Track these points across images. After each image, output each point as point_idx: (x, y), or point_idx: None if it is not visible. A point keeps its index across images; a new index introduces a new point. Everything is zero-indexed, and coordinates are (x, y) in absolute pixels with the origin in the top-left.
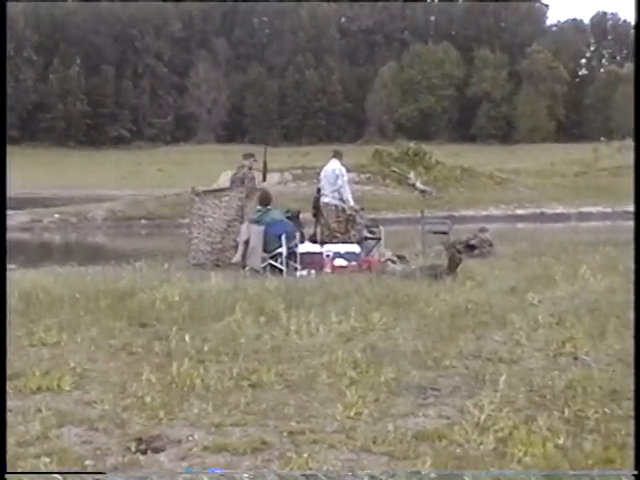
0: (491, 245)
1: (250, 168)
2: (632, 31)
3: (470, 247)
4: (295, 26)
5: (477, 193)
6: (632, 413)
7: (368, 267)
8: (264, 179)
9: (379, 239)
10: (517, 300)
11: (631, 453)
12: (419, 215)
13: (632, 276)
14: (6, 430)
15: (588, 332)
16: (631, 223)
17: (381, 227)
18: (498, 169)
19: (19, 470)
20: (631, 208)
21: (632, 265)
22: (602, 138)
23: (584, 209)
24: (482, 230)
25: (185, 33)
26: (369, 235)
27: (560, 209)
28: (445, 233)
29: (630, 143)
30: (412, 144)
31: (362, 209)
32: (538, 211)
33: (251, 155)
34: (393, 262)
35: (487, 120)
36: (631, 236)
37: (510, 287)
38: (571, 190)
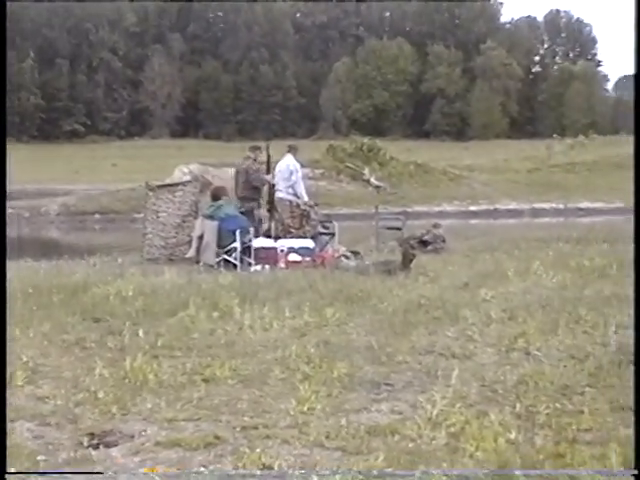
0: (444, 241)
1: (255, 160)
2: (584, 27)
3: (423, 243)
4: (250, 21)
5: (431, 189)
6: (584, 409)
7: (322, 262)
8: (268, 172)
9: (333, 234)
10: (470, 296)
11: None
12: (373, 211)
13: (583, 272)
14: (6, 430)
15: (540, 328)
16: (583, 220)
17: (335, 223)
18: (452, 165)
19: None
20: (583, 205)
21: (586, 262)
22: (555, 135)
23: (537, 205)
24: (435, 226)
25: (140, 27)
26: (323, 230)
27: (513, 205)
28: (399, 229)
29: (582, 140)
30: (366, 140)
31: (316, 204)
32: (491, 207)
33: (257, 148)
34: (347, 257)
35: (441, 116)
36: (583, 233)
37: (463, 283)
38: (524, 186)
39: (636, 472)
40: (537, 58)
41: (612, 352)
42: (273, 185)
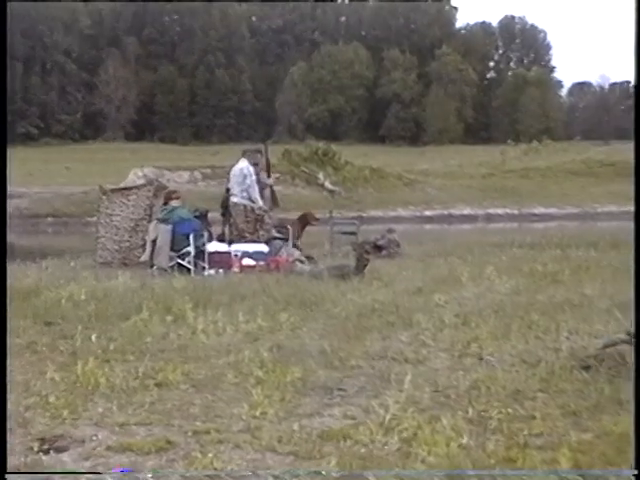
0: (399, 246)
1: (256, 164)
2: (538, 34)
3: (378, 248)
4: (206, 25)
5: (386, 194)
6: (536, 414)
7: (276, 267)
8: (268, 175)
9: (287, 239)
10: (423, 301)
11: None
12: (327, 215)
13: (540, 276)
14: (6, 430)
15: (492, 333)
16: (537, 225)
17: (290, 227)
18: (407, 170)
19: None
20: (537, 210)
21: (539, 267)
22: (509, 141)
23: (491, 211)
24: (390, 231)
25: (95, 30)
26: (277, 235)
27: (467, 210)
28: (353, 234)
29: (536, 146)
30: (321, 144)
31: (271, 209)
32: (446, 212)
33: (257, 151)
34: (301, 262)
35: (396, 121)
36: (536, 238)
37: (417, 288)
38: (479, 192)
39: (636, 472)
40: (492, 64)
41: (564, 357)
42: (228, 189)
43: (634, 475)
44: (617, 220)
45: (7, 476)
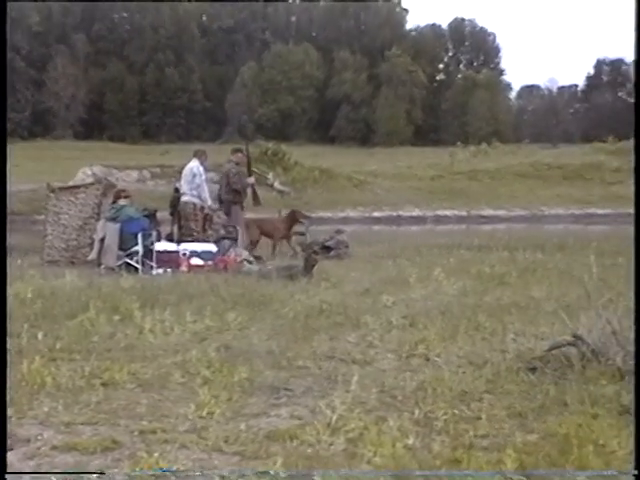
0: (347, 247)
1: (237, 163)
2: (487, 36)
3: (326, 248)
4: (156, 23)
5: (335, 194)
6: (482, 415)
7: (224, 267)
8: (250, 174)
9: (236, 239)
10: (371, 302)
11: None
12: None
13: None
14: (6, 430)
15: (440, 334)
16: (485, 227)
17: (238, 227)
18: (356, 171)
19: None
20: (485, 212)
21: (487, 269)
22: (458, 143)
23: (440, 212)
24: (339, 232)
25: (43, 27)
26: (226, 235)
27: (416, 212)
28: (302, 234)
29: (485, 148)
30: (271, 144)
31: (220, 209)
32: (395, 214)
33: (239, 150)
34: (249, 262)
35: (346, 122)
36: (484, 240)
37: (365, 289)
38: (427, 193)
39: (636, 472)
40: (441, 66)
41: (510, 359)
42: (177, 188)
43: (634, 475)
44: (564, 223)
45: (7, 476)
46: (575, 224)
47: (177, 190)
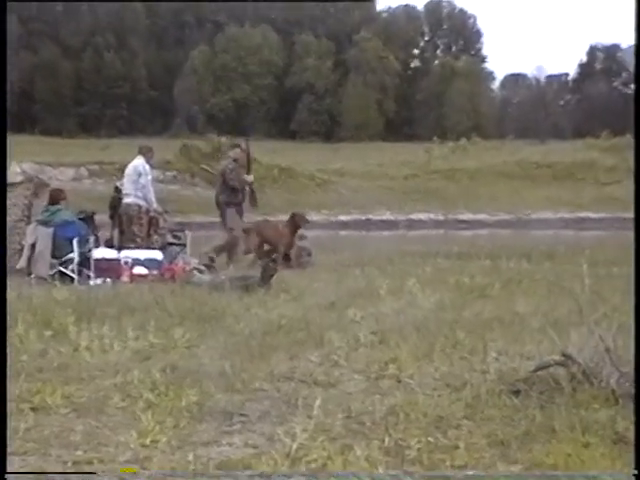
0: (310, 254)
1: (235, 160)
2: (467, 19)
3: (287, 256)
4: (94, 2)
5: (296, 195)
6: (459, 443)
7: (171, 276)
8: (248, 172)
9: (184, 245)
10: (337, 316)
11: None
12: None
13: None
14: (6, 430)
15: (413, 353)
16: (465, 233)
17: (187, 232)
18: (320, 169)
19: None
20: (465, 216)
21: (466, 280)
22: (435, 138)
23: (414, 216)
24: (300, 237)
25: None
26: (173, 240)
27: (387, 215)
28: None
29: (465, 144)
30: (224, 139)
31: (166, 212)
32: (363, 217)
33: (237, 146)
34: (200, 271)
35: (309, 114)
36: (464, 248)
37: (329, 302)
38: (400, 194)
39: (636, 472)
40: (416, 51)
41: (491, 380)
42: (117, 188)
43: (634, 475)
44: (553, 228)
45: (7, 476)
46: (565, 229)
47: (118, 190)
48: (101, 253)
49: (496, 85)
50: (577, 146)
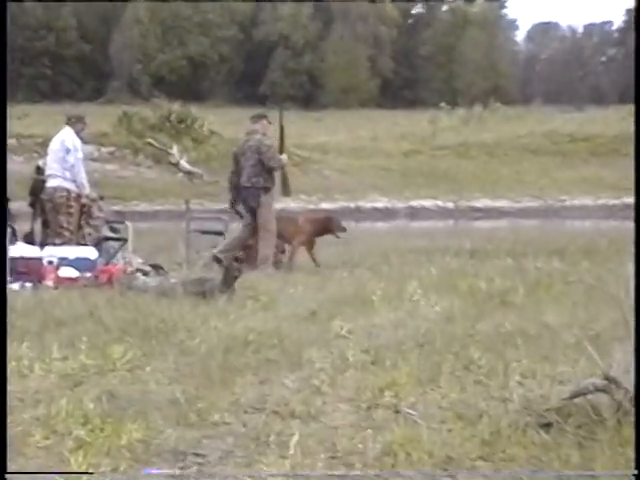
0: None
1: (264, 134)
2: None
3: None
4: None
5: None
6: None
7: (108, 280)
8: (281, 151)
9: (125, 240)
10: (318, 330)
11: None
12: (183, 207)
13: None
14: (6, 430)
15: (415, 376)
16: (481, 224)
17: (129, 223)
18: (297, 144)
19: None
20: (480, 203)
21: (482, 283)
22: (442, 104)
23: (416, 203)
24: None
25: None
26: (111, 234)
27: (383, 202)
28: (220, 234)
29: (481, 111)
30: (176, 106)
31: (102, 198)
32: (352, 205)
33: (263, 116)
34: (144, 273)
35: (283, 75)
36: (479, 243)
37: (309, 311)
38: (399, 176)
39: (636, 472)
40: None
41: (515, 411)
42: (39, 168)
43: (634, 475)
44: (592, 218)
45: (7, 476)
46: (608, 219)
47: (40, 170)
48: (19, 250)
49: (520, 37)
50: (622, 114)
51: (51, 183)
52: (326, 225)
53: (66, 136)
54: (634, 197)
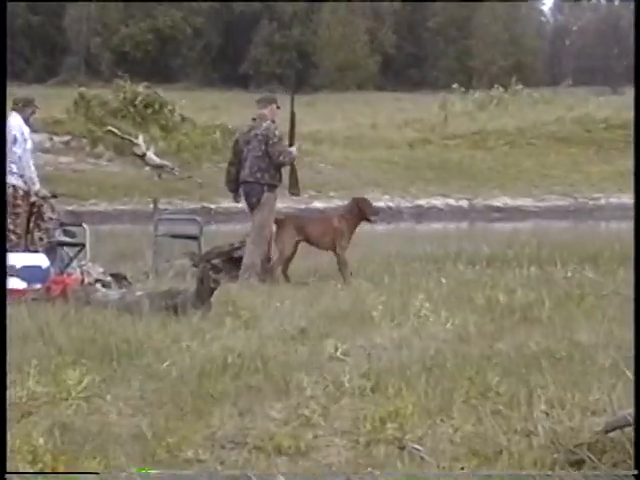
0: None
1: (273, 121)
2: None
3: (235, 261)
4: None
5: None
6: None
7: (62, 292)
8: (291, 142)
9: (83, 246)
10: (309, 351)
11: None
12: (150, 207)
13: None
14: (6, 430)
15: (423, 405)
16: (500, 226)
17: (86, 226)
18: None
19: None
20: (500, 201)
21: (502, 296)
22: (455, 85)
23: (424, 201)
24: None
25: None
26: (65, 239)
27: (385, 201)
28: (194, 238)
29: (500, 94)
30: (142, 88)
31: (54, 196)
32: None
33: (272, 100)
34: (105, 285)
35: (268, 51)
36: (498, 248)
37: (298, 329)
38: (404, 170)
39: (636, 472)
40: None
41: (540, 446)
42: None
43: (634, 475)
44: (631, 219)
45: (7, 476)
46: None
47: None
48: None
49: (547, 6)
50: None
51: None
52: (361, 213)
53: (12, 123)
54: (634, 197)
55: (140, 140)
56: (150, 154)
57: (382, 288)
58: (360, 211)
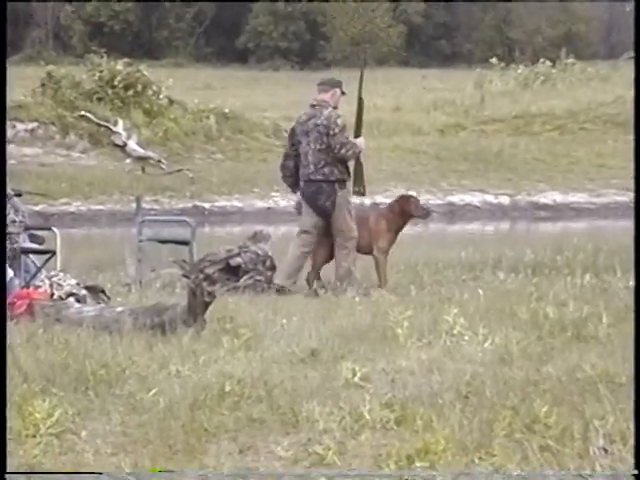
0: (273, 267)
1: (335, 108)
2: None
3: (233, 270)
4: None
5: (247, 164)
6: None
7: (28, 309)
8: (357, 133)
9: (52, 253)
10: (322, 376)
11: None
12: (133, 207)
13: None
14: (6, 430)
15: (458, 440)
16: (548, 227)
17: (56, 230)
18: (289, 117)
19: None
20: (547, 197)
21: (551, 310)
22: (493, 59)
23: (456, 198)
24: (257, 237)
25: None
26: (31, 246)
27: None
28: (184, 243)
29: (547, 69)
30: (121, 64)
31: (18, 194)
32: (366, 201)
33: (336, 84)
34: (79, 299)
35: (271, 21)
36: (546, 253)
37: (309, 350)
38: (434, 161)
39: (636, 472)
40: None
41: None
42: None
43: (634, 475)
44: None
45: (7, 476)
46: None
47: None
48: None
49: None
50: None
51: None
52: (405, 213)
53: None
54: (634, 197)
55: (120, 127)
56: (132, 144)
57: (408, 301)
58: (403, 211)
